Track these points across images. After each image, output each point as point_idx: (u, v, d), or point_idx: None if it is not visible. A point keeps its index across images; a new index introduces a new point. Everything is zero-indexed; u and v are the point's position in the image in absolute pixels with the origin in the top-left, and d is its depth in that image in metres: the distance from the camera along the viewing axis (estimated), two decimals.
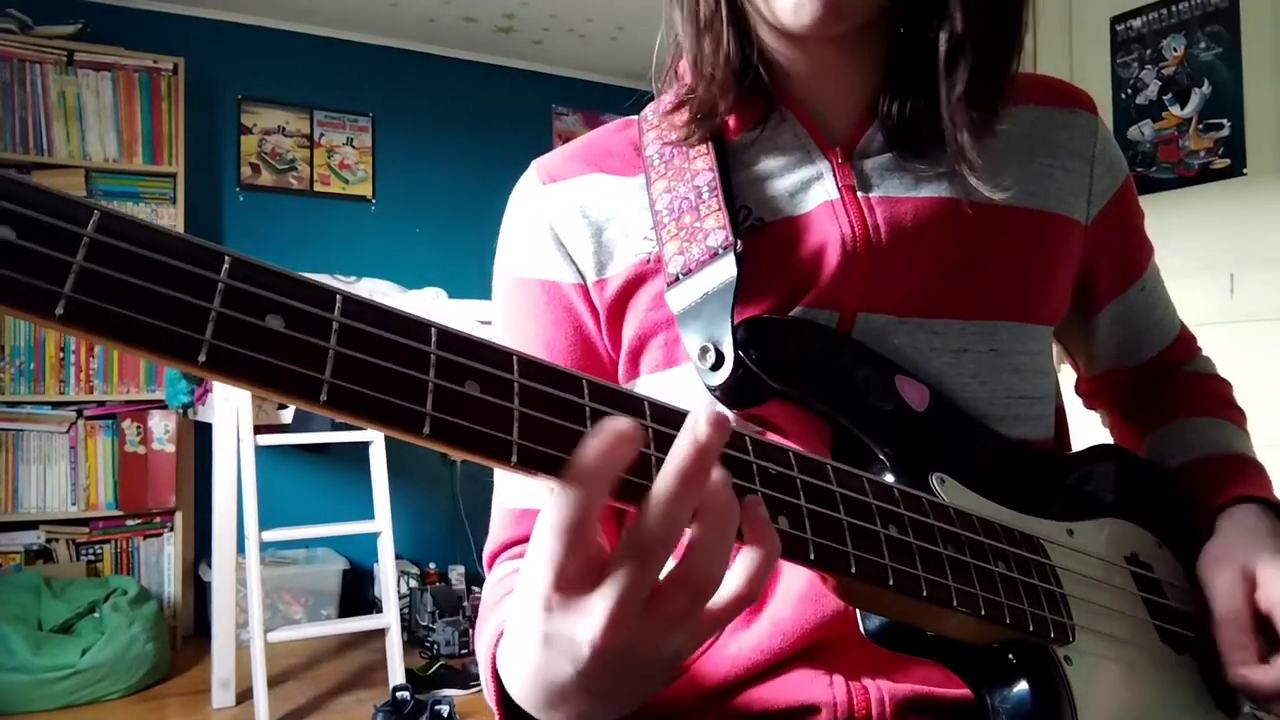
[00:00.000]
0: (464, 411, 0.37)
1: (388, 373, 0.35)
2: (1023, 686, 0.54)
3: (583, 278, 0.68)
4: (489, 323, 0.74)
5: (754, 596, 0.41)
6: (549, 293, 0.68)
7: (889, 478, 0.56)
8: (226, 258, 0.33)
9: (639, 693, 0.43)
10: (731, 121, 0.68)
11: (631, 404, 0.42)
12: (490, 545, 0.70)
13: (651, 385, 0.66)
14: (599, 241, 0.67)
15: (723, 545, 0.40)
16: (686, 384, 0.61)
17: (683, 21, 0.66)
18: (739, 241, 0.60)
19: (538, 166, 0.72)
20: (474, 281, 0.69)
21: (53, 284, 0.30)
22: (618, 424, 0.37)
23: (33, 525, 3.17)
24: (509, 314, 0.71)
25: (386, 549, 2.75)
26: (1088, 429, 0.82)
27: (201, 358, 0.32)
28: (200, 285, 0.33)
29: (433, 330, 0.37)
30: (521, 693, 0.46)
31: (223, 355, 0.32)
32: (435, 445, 0.36)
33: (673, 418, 0.42)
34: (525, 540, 0.65)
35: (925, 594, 0.49)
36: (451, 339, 0.38)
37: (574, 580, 0.39)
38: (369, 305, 0.36)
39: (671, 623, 0.40)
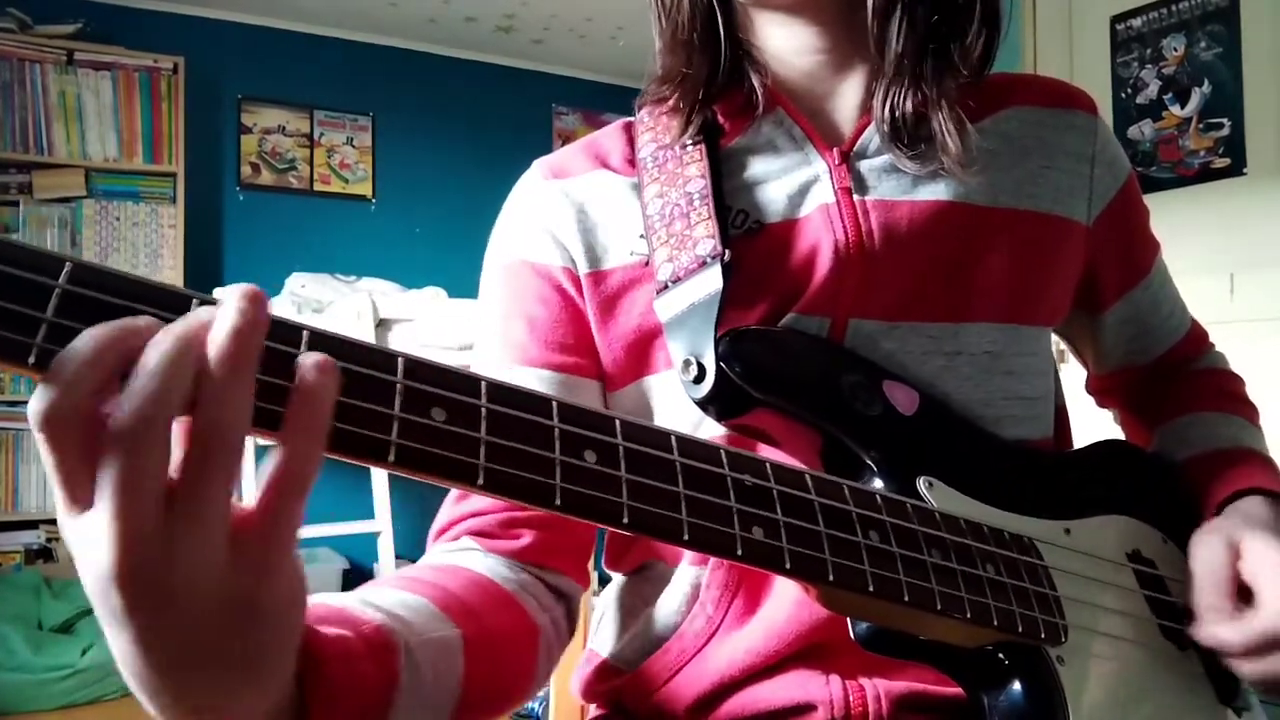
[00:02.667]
0: (430, 439, 0.37)
1: (354, 406, 0.36)
2: (1016, 687, 0.54)
3: (575, 266, 0.68)
4: None
5: (296, 484, 0.34)
6: (538, 273, 0.69)
7: (877, 483, 0.56)
8: (194, 300, 0.34)
9: (206, 666, 0.34)
10: (726, 123, 0.68)
11: (602, 424, 0.42)
12: (434, 525, 0.68)
13: (661, 384, 0.66)
14: (594, 236, 0.68)
15: (233, 399, 0.32)
16: None
17: (653, 17, 0.68)
18: (727, 251, 0.60)
19: (540, 163, 0.73)
20: (474, 281, 0.70)
21: (24, 335, 0.31)
22: (129, 321, 0.32)
23: (33, 525, 3.18)
24: (494, 293, 0.72)
25: (386, 549, 2.75)
26: (1092, 427, 0.82)
27: None
28: None
29: (399, 360, 0.38)
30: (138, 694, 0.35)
31: None
32: (401, 471, 0.37)
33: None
34: (468, 518, 0.65)
35: (907, 599, 0.49)
36: (417, 366, 0.38)
37: (83, 493, 0.32)
38: (337, 340, 0.37)
39: (195, 517, 0.32)
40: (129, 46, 3.37)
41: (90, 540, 0.32)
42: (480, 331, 0.72)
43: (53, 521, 3.19)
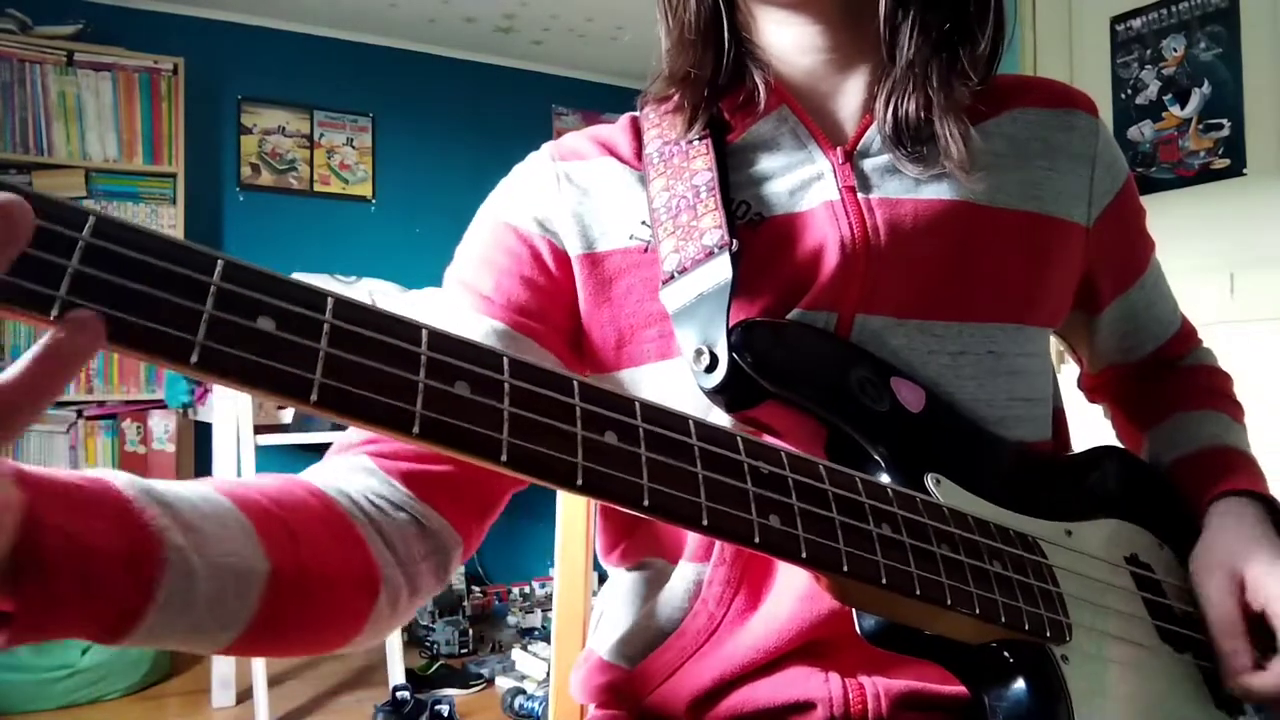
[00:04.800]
0: (454, 411, 0.37)
1: (378, 373, 0.36)
2: (1020, 686, 0.54)
3: (564, 246, 0.67)
4: None
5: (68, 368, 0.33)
6: (520, 237, 0.68)
7: (884, 478, 0.56)
8: (219, 261, 0.34)
9: None
10: (731, 120, 0.68)
11: (622, 405, 0.42)
12: (342, 437, 0.63)
13: (651, 375, 0.66)
14: (593, 219, 0.68)
15: None
16: (684, 376, 0.61)
17: (659, 15, 0.68)
18: (735, 241, 0.60)
19: (550, 145, 0.73)
20: None
21: (48, 287, 0.31)
22: None
23: None
24: (471, 244, 0.71)
25: None
26: (1090, 428, 0.82)
27: (194, 359, 0.32)
28: (193, 288, 0.33)
29: (424, 331, 0.38)
30: None
31: (215, 356, 0.33)
32: (425, 445, 0.37)
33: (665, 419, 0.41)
34: (379, 440, 0.60)
35: (919, 592, 0.49)
36: (442, 340, 0.38)
37: None
38: (360, 307, 0.37)
39: None
40: (129, 47, 3.36)
41: None
42: (447, 274, 0.70)
43: None
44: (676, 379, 0.63)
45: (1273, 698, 0.59)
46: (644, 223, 0.66)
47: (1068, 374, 0.86)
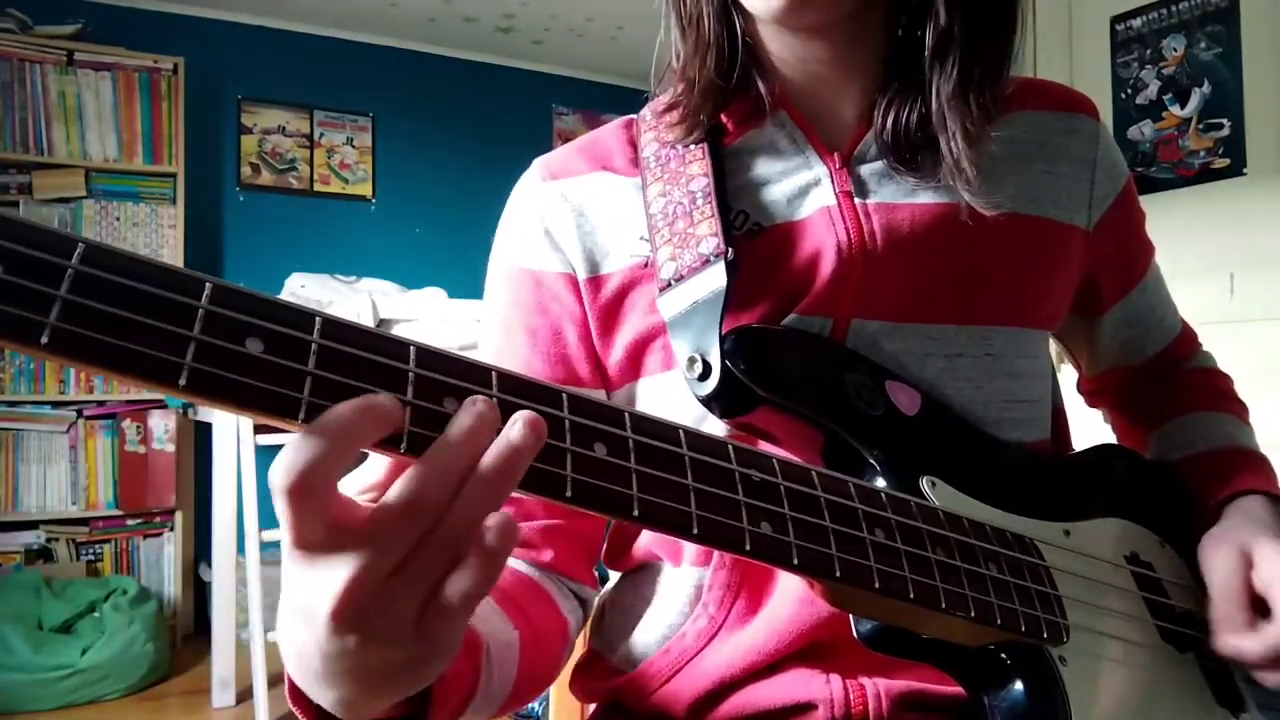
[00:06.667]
0: (441, 428, 0.37)
1: (365, 393, 0.36)
2: (1018, 687, 0.54)
3: (574, 271, 0.68)
4: None
5: (488, 585, 0.37)
6: (536, 282, 0.69)
7: (880, 482, 0.57)
8: (207, 284, 0.34)
9: (388, 676, 0.39)
10: (729, 124, 0.68)
11: (612, 417, 0.42)
12: None
13: (652, 388, 0.66)
14: (594, 240, 0.68)
15: (482, 513, 0.36)
16: (684, 387, 0.61)
17: (674, 23, 0.67)
18: (730, 249, 0.60)
19: (540, 164, 0.73)
20: (474, 281, 0.71)
21: (37, 314, 0.31)
22: (376, 398, 0.35)
23: (33, 525, 3.17)
24: (496, 302, 0.72)
25: None
26: (1090, 428, 0.82)
27: (182, 381, 0.33)
28: (181, 312, 0.33)
29: (411, 349, 0.38)
30: (291, 670, 0.42)
31: (203, 379, 0.33)
32: (390, 453, 0.37)
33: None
34: None
35: (912, 596, 0.49)
36: (430, 358, 0.38)
37: (315, 543, 0.36)
38: (347, 326, 0.37)
39: (411, 591, 0.36)
40: (129, 47, 3.37)
41: (324, 577, 0.36)
42: (483, 338, 0.72)
43: (52, 521, 3.20)
44: (676, 391, 0.63)
45: (1260, 660, 0.59)
46: (642, 238, 0.66)
47: (1068, 374, 0.86)
